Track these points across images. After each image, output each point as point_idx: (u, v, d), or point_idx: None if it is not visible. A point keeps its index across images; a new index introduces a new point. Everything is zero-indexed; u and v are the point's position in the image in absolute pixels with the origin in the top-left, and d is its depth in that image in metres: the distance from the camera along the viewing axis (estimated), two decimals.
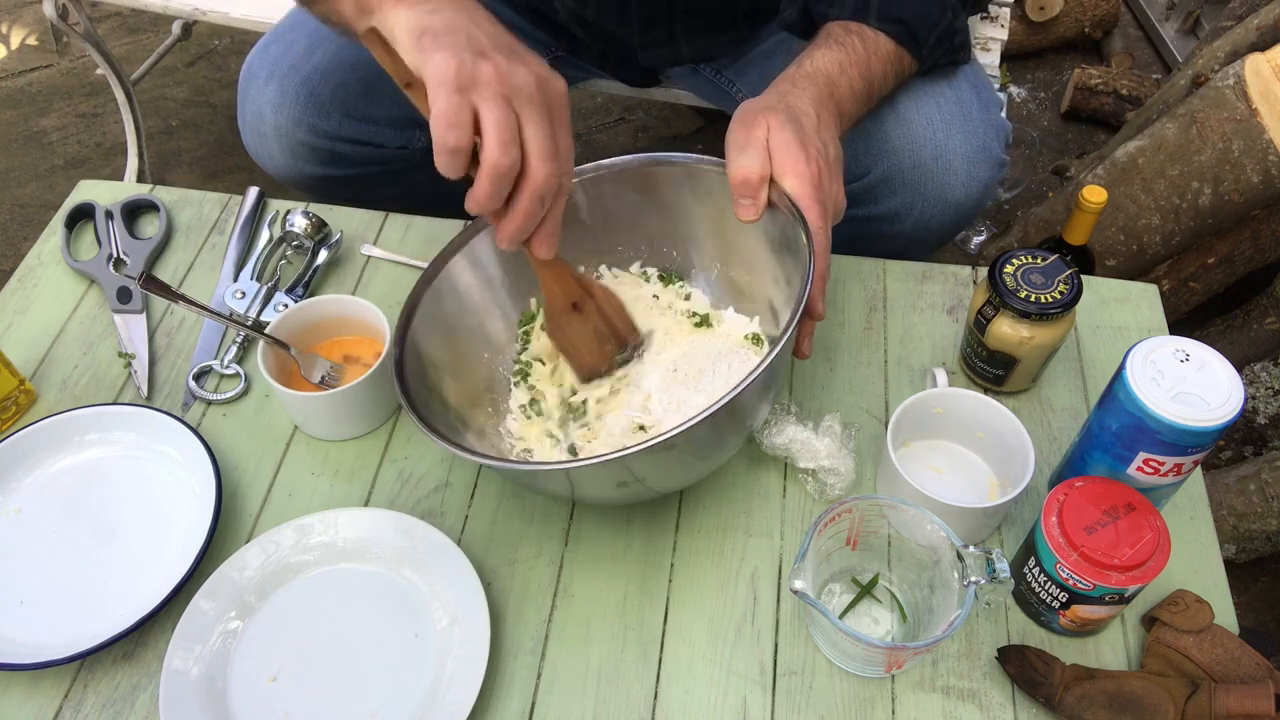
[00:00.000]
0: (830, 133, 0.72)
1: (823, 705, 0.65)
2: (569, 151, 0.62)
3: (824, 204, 0.66)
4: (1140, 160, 1.40)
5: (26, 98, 2.10)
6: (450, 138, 0.56)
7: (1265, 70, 1.28)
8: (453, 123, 0.56)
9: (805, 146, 0.67)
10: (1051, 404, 0.81)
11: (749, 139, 0.68)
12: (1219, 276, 1.49)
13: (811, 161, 0.67)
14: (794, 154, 0.66)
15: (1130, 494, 0.63)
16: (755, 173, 0.67)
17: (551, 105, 0.60)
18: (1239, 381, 0.61)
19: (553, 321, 0.72)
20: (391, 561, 0.70)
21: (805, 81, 0.74)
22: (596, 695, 0.65)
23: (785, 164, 0.67)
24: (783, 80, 0.74)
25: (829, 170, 0.68)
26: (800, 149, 0.67)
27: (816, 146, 0.68)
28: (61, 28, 1.59)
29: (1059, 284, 0.73)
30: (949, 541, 0.61)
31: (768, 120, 0.68)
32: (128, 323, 0.86)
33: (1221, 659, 0.63)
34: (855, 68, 0.77)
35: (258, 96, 0.95)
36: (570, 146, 0.62)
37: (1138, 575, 0.60)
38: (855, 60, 0.77)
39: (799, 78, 0.74)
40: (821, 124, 0.71)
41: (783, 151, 0.67)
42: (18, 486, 0.75)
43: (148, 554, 0.71)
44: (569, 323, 0.71)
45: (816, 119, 0.71)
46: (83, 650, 0.64)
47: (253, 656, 0.66)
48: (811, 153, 0.67)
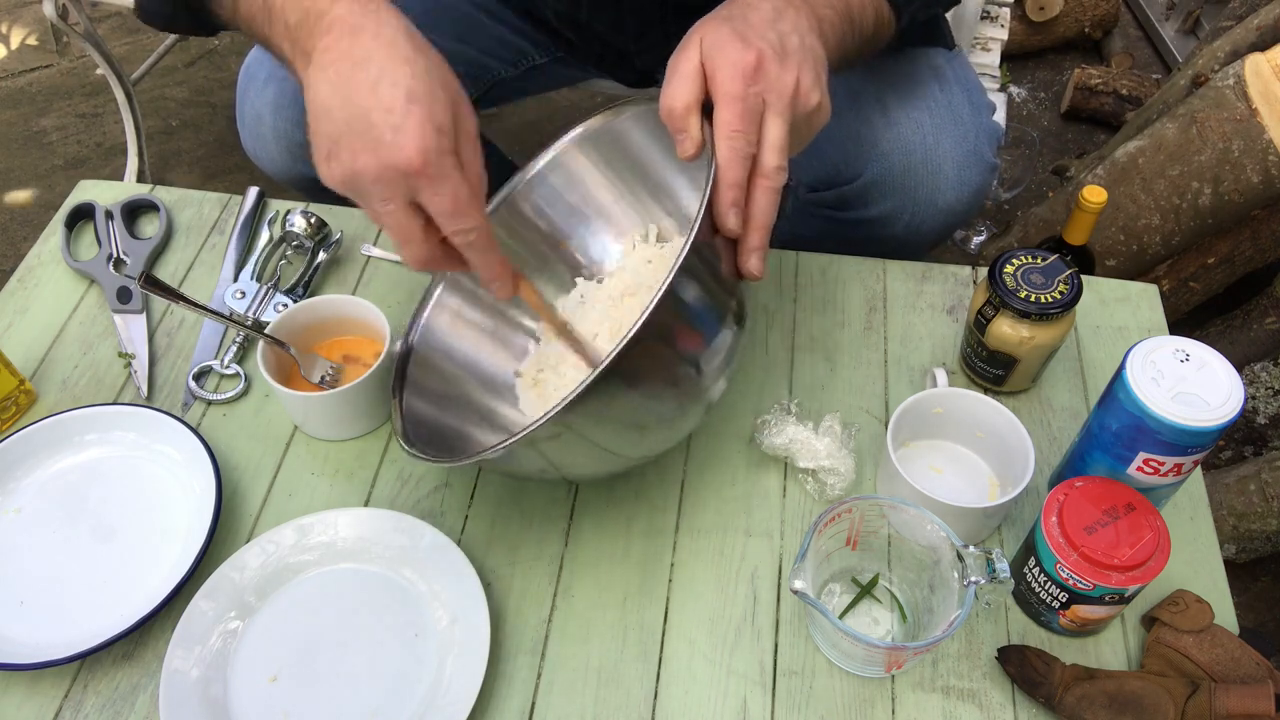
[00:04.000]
0: (793, 24, 0.61)
1: (823, 705, 0.65)
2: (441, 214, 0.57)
3: (754, 99, 0.57)
4: (1140, 160, 1.40)
5: (26, 98, 2.10)
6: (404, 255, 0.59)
7: (1265, 70, 1.28)
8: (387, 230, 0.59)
9: (744, 36, 0.58)
10: (1051, 404, 0.81)
11: (679, 61, 0.60)
12: (1219, 276, 1.49)
13: (750, 48, 0.57)
14: (726, 45, 0.58)
15: (1130, 494, 0.63)
16: (680, 100, 0.59)
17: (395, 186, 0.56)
18: (1239, 381, 0.61)
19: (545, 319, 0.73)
20: (391, 561, 0.70)
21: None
22: (596, 695, 0.65)
23: (717, 59, 0.58)
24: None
25: (780, 59, 0.58)
26: (735, 38, 0.58)
27: (764, 36, 0.58)
28: (61, 28, 1.59)
29: (1059, 284, 0.73)
30: (949, 541, 0.61)
31: (702, 30, 0.60)
32: (128, 323, 0.86)
33: (1221, 659, 0.63)
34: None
35: (257, 98, 0.95)
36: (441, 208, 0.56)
37: (1138, 575, 0.60)
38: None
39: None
40: (781, 16, 0.61)
41: (715, 49, 0.58)
42: (18, 486, 0.75)
43: (148, 554, 0.71)
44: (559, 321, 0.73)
45: (774, 11, 0.61)
46: (83, 650, 0.64)
47: (253, 656, 0.66)
48: (752, 39, 0.58)
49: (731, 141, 0.57)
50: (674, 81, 0.59)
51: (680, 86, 0.59)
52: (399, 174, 0.55)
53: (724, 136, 0.57)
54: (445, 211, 0.57)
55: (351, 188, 0.56)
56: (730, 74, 0.57)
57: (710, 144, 0.59)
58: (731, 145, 0.57)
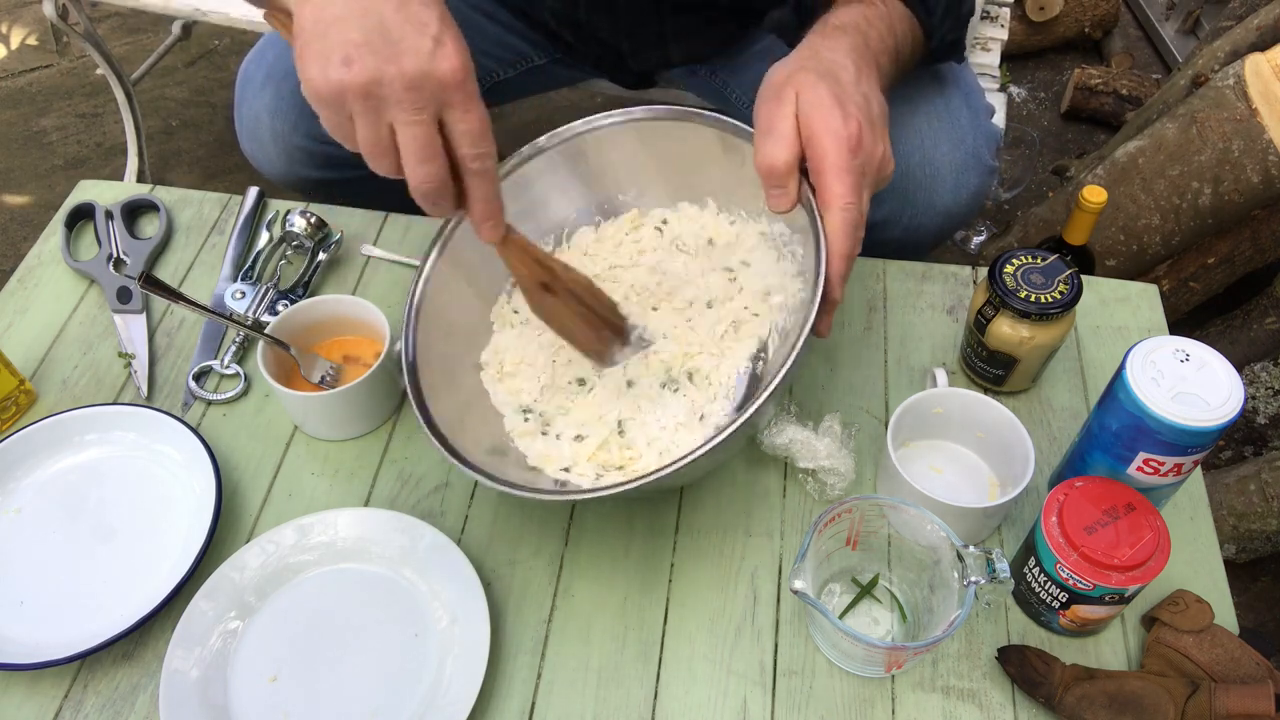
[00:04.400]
0: (871, 85, 0.64)
1: (823, 705, 0.65)
2: (466, 134, 0.56)
3: (859, 171, 0.60)
4: (1140, 160, 1.40)
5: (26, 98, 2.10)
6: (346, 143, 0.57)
7: (1265, 70, 1.28)
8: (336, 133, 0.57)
9: (842, 103, 0.60)
10: (1051, 404, 0.81)
11: (775, 116, 0.61)
12: (1219, 276, 1.49)
13: (850, 119, 0.60)
14: (828, 112, 0.60)
15: (1130, 494, 0.63)
16: (781, 159, 0.61)
17: (431, 97, 0.54)
18: (1239, 381, 0.61)
19: (533, 304, 0.68)
20: (391, 561, 0.70)
21: (837, 34, 0.67)
22: (596, 695, 0.65)
23: (818, 123, 0.60)
24: (812, 35, 0.67)
25: (871, 128, 0.61)
26: (836, 106, 0.60)
27: (856, 102, 0.61)
28: (61, 28, 1.59)
29: (1059, 284, 0.73)
30: (949, 541, 0.61)
31: (796, 85, 0.61)
32: (128, 323, 0.86)
33: (1221, 659, 0.63)
34: (881, 22, 0.70)
35: (254, 101, 0.95)
36: (469, 127, 0.56)
37: (1138, 575, 0.60)
38: (879, 15, 0.71)
39: (829, 30, 0.67)
40: (861, 76, 0.64)
41: (816, 111, 0.60)
42: (18, 486, 0.75)
43: (148, 554, 0.71)
44: (546, 303, 0.67)
45: (855, 71, 0.64)
46: (83, 650, 0.64)
47: (253, 656, 0.66)
48: (850, 109, 0.60)
49: (846, 214, 0.59)
50: (773, 139, 0.61)
51: (780, 146, 0.61)
52: (438, 85, 0.54)
53: (839, 208, 0.59)
54: (473, 131, 0.56)
55: (373, 93, 0.54)
56: (837, 145, 0.59)
57: (806, 204, 0.62)
58: (846, 217, 0.59)
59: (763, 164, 0.62)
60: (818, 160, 0.60)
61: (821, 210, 0.60)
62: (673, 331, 0.74)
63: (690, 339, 0.73)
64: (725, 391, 0.71)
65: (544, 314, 0.68)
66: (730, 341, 0.73)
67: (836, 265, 0.60)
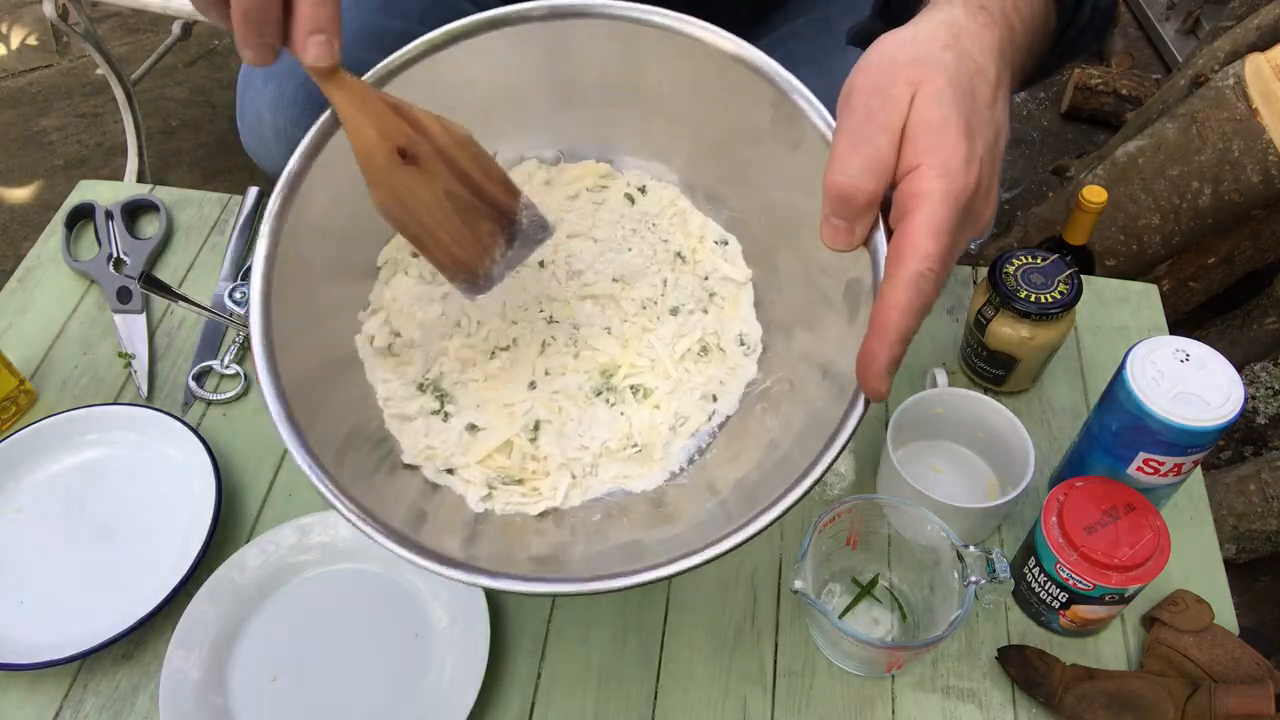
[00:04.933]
0: (1006, 104, 0.47)
1: (823, 705, 0.65)
2: None
3: (959, 231, 0.42)
4: (1140, 160, 1.40)
5: (26, 98, 2.10)
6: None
7: (1265, 70, 1.28)
8: None
9: (971, 136, 0.42)
10: (1051, 404, 0.81)
11: (873, 119, 0.42)
12: (1219, 276, 1.49)
13: (974, 164, 0.42)
14: (951, 145, 0.41)
15: (1130, 494, 0.63)
16: (865, 187, 0.42)
17: None
18: (1239, 381, 0.61)
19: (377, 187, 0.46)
20: (391, 561, 0.70)
21: (983, 14, 0.46)
22: (596, 695, 0.65)
23: (932, 155, 0.41)
24: (939, 3, 0.47)
25: (992, 175, 0.44)
26: (963, 139, 0.41)
27: (986, 138, 0.43)
28: (61, 28, 1.59)
29: (1059, 284, 0.73)
30: (949, 541, 0.61)
31: (918, 80, 0.42)
32: (128, 323, 0.86)
33: (1221, 659, 0.63)
34: (1030, 5, 0.51)
35: (256, 97, 0.95)
36: None
37: (1138, 575, 0.60)
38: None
39: (974, 5, 0.47)
40: (999, 91, 0.46)
41: (935, 138, 0.42)
42: (18, 486, 0.75)
43: (148, 554, 0.71)
44: (402, 185, 0.46)
45: (996, 83, 0.45)
46: (83, 650, 0.64)
47: (253, 657, 0.66)
48: (978, 147, 0.42)
49: (922, 283, 0.41)
50: (862, 154, 0.42)
51: (869, 167, 0.42)
52: None
53: (917, 272, 0.41)
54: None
55: None
56: (947, 197, 0.41)
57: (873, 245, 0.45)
58: (921, 288, 0.41)
59: (837, 184, 0.43)
60: (913, 202, 0.42)
61: (893, 261, 0.42)
62: (619, 328, 0.57)
63: (643, 344, 0.57)
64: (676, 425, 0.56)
65: (394, 205, 0.47)
66: (692, 369, 0.57)
67: (893, 349, 0.41)
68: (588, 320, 0.57)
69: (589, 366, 0.57)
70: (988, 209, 0.44)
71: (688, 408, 0.56)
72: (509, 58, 0.54)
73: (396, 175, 0.46)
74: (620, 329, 0.58)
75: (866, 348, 0.42)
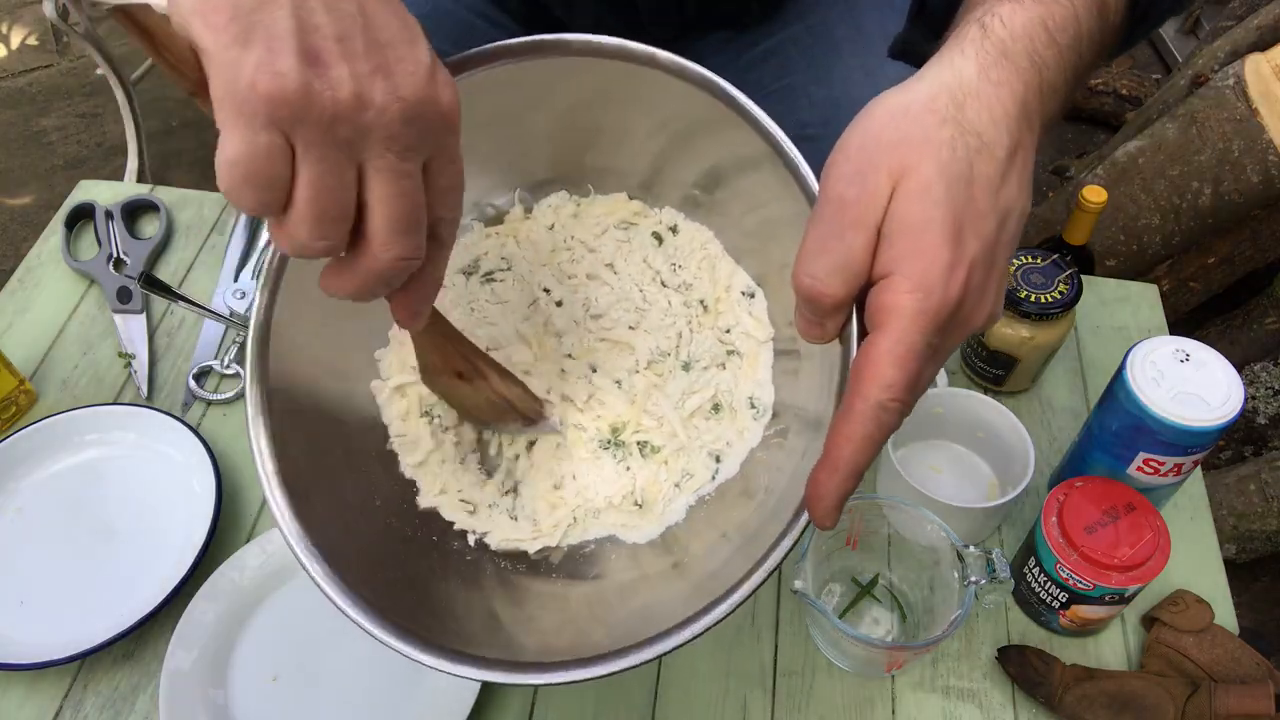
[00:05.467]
0: (1024, 174, 0.40)
1: (823, 705, 0.65)
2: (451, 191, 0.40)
3: (935, 348, 0.38)
4: (1140, 160, 1.40)
5: (26, 98, 2.10)
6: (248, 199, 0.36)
7: (1265, 70, 1.29)
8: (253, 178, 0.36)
9: (958, 240, 0.37)
10: (1051, 404, 0.80)
11: (846, 212, 0.38)
12: (1219, 276, 1.49)
13: (957, 270, 0.37)
14: (930, 252, 0.37)
15: (1130, 494, 0.63)
16: (831, 291, 0.38)
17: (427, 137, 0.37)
18: (1239, 381, 0.61)
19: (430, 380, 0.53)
20: None
21: (1001, 64, 0.39)
22: (596, 695, 0.65)
23: (907, 263, 0.37)
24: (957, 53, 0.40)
25: (987, 271, 0.38)
26: (945, 244, 0.37)
27: (981, 232, 0.38)
28: (61, 28, 1.59)
29: (1059, 284, 0.73)
30: (949, 541, 0.61)
31: (902, 167, 0.37)
32: (128, 323, 0.86)
33: (1221, 659, 0.63)
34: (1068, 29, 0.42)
35: None
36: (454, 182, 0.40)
37: (1138, 575, 0.60)
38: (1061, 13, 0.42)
39: (987, 49, 0.40)
40: (1015, 161, 0.39)
41: (910, 243, 0.37)
42: (18, 486, 0.74)
43: (148, 554, 0.71)
44: (452, 386, 0.53)
45: (1009, 153, 0.39)
46: (83, 650, 0.64)
47: (253, 657, 0.66)
48: (967, 247, 0.37)
49: (883, 415, 0.37)
50: (830, 252, 0.38)
51: (837, 269, 0.38)
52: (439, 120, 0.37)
53: (877, 403, 0.37)
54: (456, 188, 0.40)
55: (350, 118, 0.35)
56: (920, 310, 0.36)
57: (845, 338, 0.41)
58: (881, 420, 0.37)
59: (802, 285, 0.39)
60: (881, 318, 0.37)
61: (852, 387, 0.38)
62: (629, 380, 0.56)
63: (651, 401, 0.56)
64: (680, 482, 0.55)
65: (439, 390, 0.54)
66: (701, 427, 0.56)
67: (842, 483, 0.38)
68: (603, 364, 0.57)
69: (597, 421, 0.56)
70: (981, 310, 0.39)
71: (694, 465, 0.55)
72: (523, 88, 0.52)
73: (451, 383, 0.53)
74: (630, 382, 0.56)
75: (816, 480, 0.38)
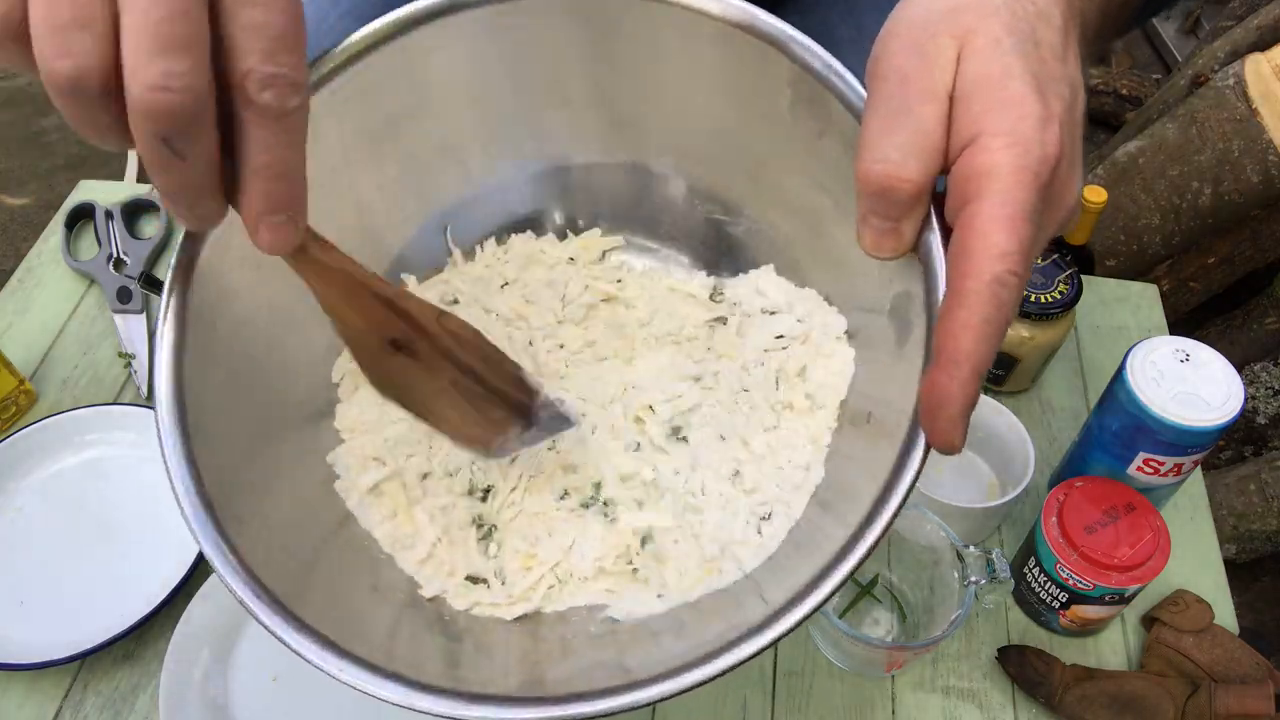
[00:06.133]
0: (1079, 61, 0.36)
1: (823, 705, 0.65)
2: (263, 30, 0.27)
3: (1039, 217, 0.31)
4: (1140, 160, 1.40)
5: (26, 98, 2.10)
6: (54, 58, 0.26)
7: (1265, 70, 1.28)
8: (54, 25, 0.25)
9: (1042, 90, 0.32)
10: (1051, 404, 0.80)
11: (912, 84, 0.33)
12: (1219, 276, 1.49)
13: (1051, 124, 0.31)
14: (1017, 102, 0.31)
15: (1130, 494, 0.63)
16: (909, 172, 0.32)
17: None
18: (1239, 381, 0.61)
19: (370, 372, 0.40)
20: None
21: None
22: None
23: (994, 119, 0.31)
24: None
25: (1074, 145, 0.33)
26: (1033, 94, 0.31)
27: (1060, 93, 0.33)
28: None
29: (1059, 284, 0.73)
30: (949, 541, 0.61)
31: (963, 30, 0.33)
32: (128, 323, 0.86)
33: (1221, 659, 0.63)
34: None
35: None
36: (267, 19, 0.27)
37: (1138, 575, 0.60)
38: None
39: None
40: (1069, 42, 0.35)
41: (995, 95, 0.32)
42: (18, 486, 0.74)
43: (148, 554, 0.71)
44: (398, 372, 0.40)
45: (1063, 30, 0.34)
46: (83, 650, 0.64)
47: (253, 656, 0.66)
48: (1053, 104, 0.32)
49: (1002, 292, 0.30)
50: (901, 129, 0.32)
51: (912, 145, 0.32)
52: None
53: (993, 278, 0.30)
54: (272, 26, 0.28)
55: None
56: (1021, 169, 0.31)
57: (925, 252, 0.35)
58: (1001, 299, 0.30)
59: (872, 175, 0.33)
60: (976, 185, 0.31)
61: (958, 267, 0.31)
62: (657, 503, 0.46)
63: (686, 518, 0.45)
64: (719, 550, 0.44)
65: (391, 389, 0.41)
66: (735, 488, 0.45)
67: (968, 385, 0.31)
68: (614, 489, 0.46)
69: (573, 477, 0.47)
70: (1071, 189, 0.33)
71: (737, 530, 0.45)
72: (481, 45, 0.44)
73: (391, 363, 0.40)
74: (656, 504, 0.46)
75: (934, 385, 0.31)
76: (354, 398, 0.48)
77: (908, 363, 0.36)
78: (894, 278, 0.38)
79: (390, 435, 0.47)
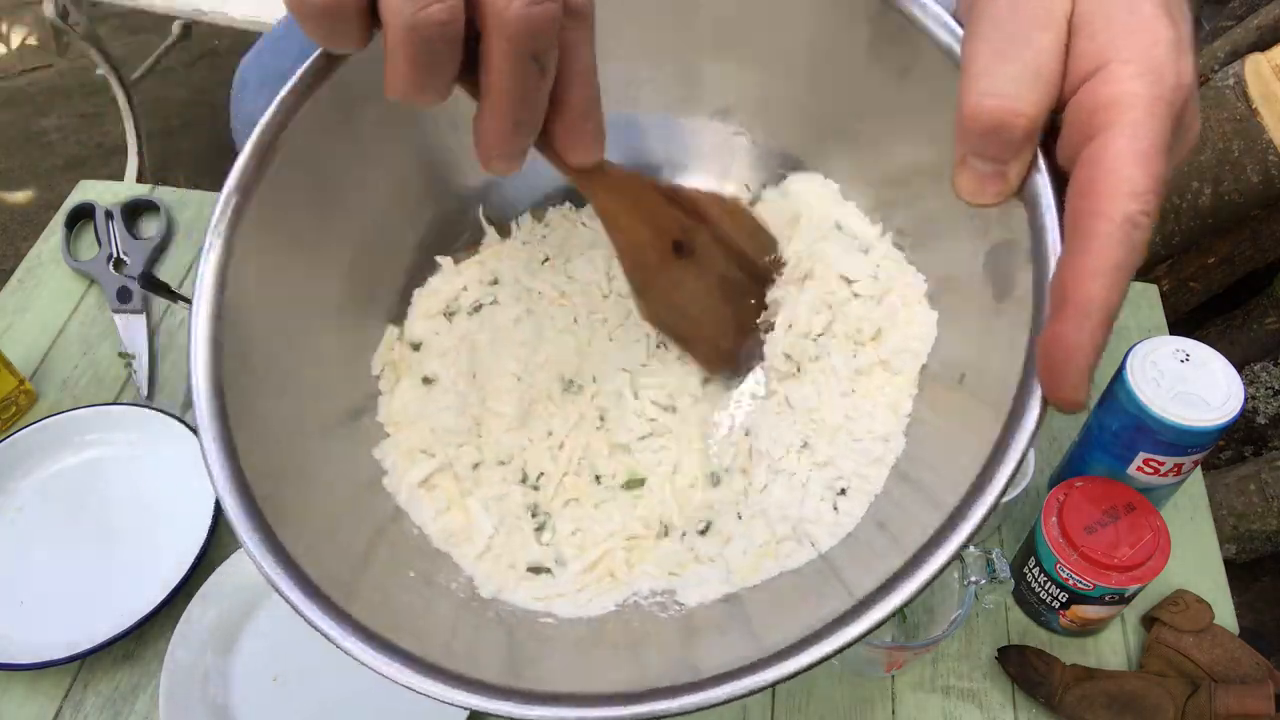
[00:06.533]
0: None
1: (823, 705, 0.65)
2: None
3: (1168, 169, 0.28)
4: None
5: (26, 98, 2.10)
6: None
7: (1265, 70, 1.28)
8: None
9: (1171, 17, 0.29)
10: None
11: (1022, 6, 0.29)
12: (1219, 276, 1.49)
13: (1183, 55, 0.29)
14: (1147, 28, 0.29)
15: (1130, 494, 0.63)
16: (1022, 111, 0.29)
17: None
18: (1239, 381, 0.61)
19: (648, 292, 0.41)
20: None
21: None
22: None
23: (1121, 46, 0.28)
24: None
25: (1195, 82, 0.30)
26: (1164, 19, 0.29)
27: (1189, 20, 0.30)
28: (61, 28, 1.59)
29: None
30: None
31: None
32: (128, 323, 0.86)
33: (1221, 659, 0.63)
34: None
35: (250, 105, 0.95)
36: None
37: (1138, 575, 0.60)
38: None
39: None
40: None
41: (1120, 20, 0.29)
42: (18, 486, 0.74)
43: (148, 554, 0.71)
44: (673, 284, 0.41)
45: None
46: (83, 650, 0.64)
47: (254, 656, 0.66)
48: (1181, 34, 0.29)
49: (1136, 234, 0.27)
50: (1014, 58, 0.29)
51: (1026, 77, 0.29)
52: None
53: (1126, 217, 0.27)
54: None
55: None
56: (1154, 94, 0.28)
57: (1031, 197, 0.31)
58: (1134, 240, 0.27)
59: (982, 110, 0.29)
60: (1104, 116, 0.28)
61: (1085, 206, 0.28)
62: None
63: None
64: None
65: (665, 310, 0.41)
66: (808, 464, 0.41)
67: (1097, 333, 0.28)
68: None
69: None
70: (1197, 121, 0.31)
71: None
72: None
73: (669, 274, 0.40)
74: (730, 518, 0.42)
75: (1058, 338, 0.28)
76: (396, 389, 0.46)
77: (1008, 319, 0.32)
78: (990, 227, 0.34)
79: (436, 426, 0.44)
